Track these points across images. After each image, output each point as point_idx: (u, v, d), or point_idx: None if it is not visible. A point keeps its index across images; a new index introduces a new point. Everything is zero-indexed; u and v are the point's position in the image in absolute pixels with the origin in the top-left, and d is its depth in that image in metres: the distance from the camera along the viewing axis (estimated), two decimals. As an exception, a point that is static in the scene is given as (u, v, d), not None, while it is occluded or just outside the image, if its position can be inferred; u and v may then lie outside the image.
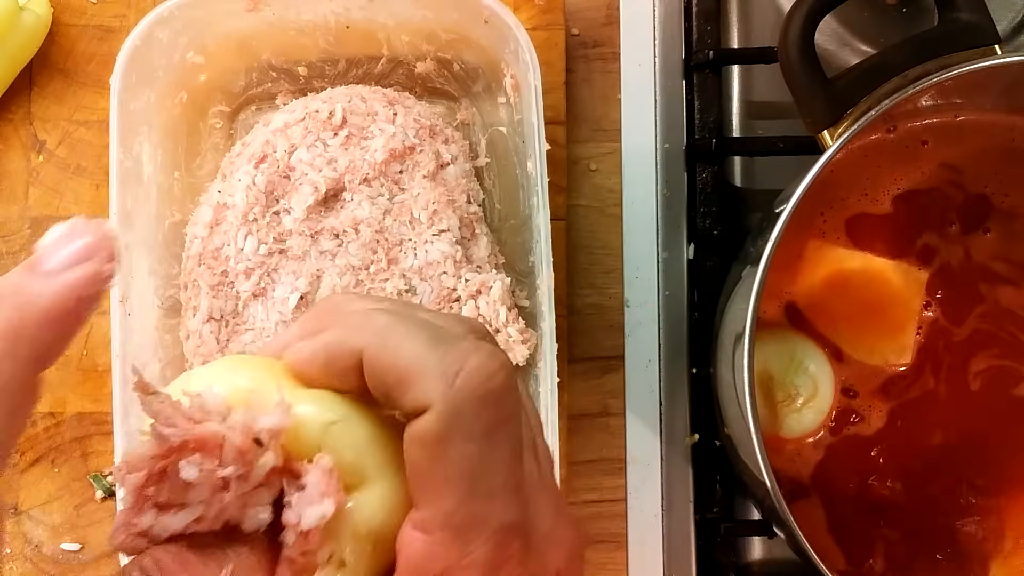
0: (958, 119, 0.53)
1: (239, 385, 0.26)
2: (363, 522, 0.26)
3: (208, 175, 0.58)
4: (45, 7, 0.60)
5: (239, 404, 0.25)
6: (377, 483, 0.26)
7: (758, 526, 0.58)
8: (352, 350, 0.26)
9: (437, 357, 0.26)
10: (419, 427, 0.25)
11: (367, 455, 0.26)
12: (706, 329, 0.59)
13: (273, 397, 0.26)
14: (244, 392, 0.26)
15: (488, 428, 0.26)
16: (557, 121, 0.60)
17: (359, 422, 0.27)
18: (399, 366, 0.26)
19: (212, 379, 0.26)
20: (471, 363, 0.26)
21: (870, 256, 0.53)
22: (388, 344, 0.26)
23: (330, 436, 0.26)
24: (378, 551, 0.26)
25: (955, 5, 0.48)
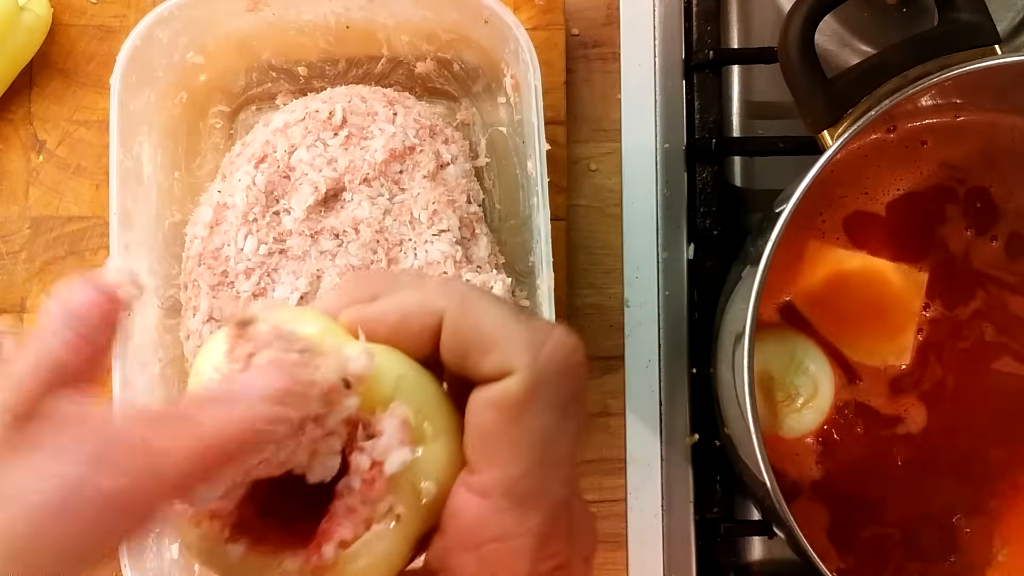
0: (958, 119, 0.53)
1: (311, 331, 0.26)
2: (421, 479, 0.26)
3: (208, 175, 0.58)
4: (45, 7, 0.60)
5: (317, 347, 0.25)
6: (437, 441, 0.26)
7: (758, 526, 0.58)
8: (433, 311, 0.27)
9: (522, 327, 0.26)
10: (498, 391, 0.25)
11: (430, 414, 0.27)
12: (706, 329, 0.59)
13: (344, 345, 0.26)
14: (316, 338, 0.26)
15: (565, 401, 0.26)
16: (557, 121, 0.60)
17: (426, 378, 0.27)
18: (483, 330, 0.26)
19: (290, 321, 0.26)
20: (556, 337, 0.26)
21: (870, 257, 0.53)
22: (472, 309, 0.26)
23: (399, 389, 0.26)
24: (429, 510, 0.27)
25: (955, 5, 0.48)
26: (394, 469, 0.25)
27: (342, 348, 0.26)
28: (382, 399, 0.26)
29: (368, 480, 0.25)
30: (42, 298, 0.60)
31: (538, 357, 0.25)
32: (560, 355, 0.26)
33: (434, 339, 0.27)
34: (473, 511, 0.26)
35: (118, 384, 0.51)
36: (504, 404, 0.25)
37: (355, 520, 0.25)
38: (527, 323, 0.26)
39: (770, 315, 0.54)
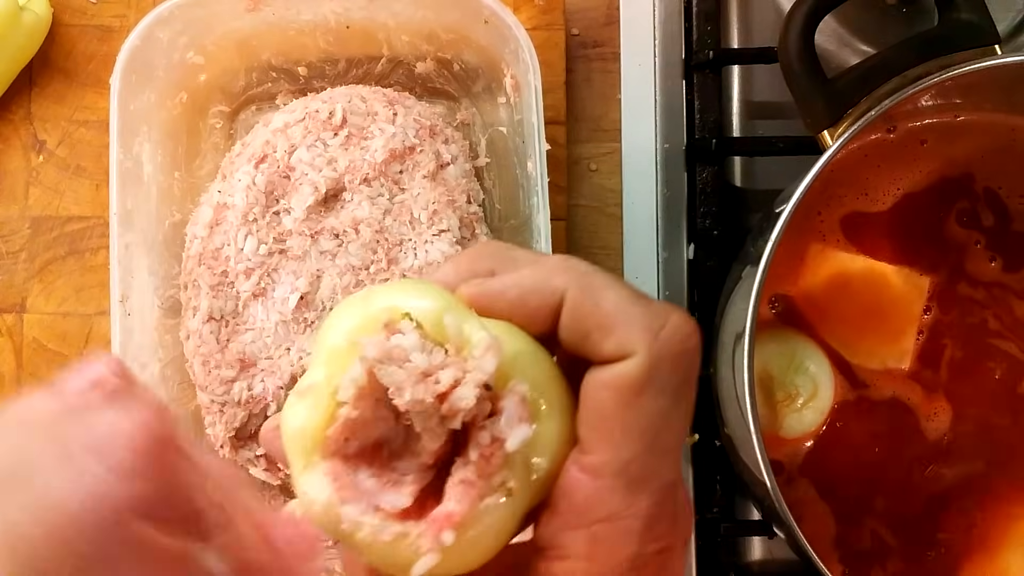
0: (958, 119, 0.53)
1: (432, 308, 0.26)
2: (535, 455, 0.26)
3: (208, 175, 0.58)
4: (45, 7, 0.60)
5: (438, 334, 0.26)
6: (550, 419, 0.27)
7: (758, 526, 0.58)
8: (554, 289, 0.27)
9: (641, 310, 0.26)
10: (616, 372, 0.26)
11: (544, 391, 0.27)
12: (706, 329, 0.59)
13: (466, 327, 0.26)
14: (436, 315, 0.26)
15: (679, 385, 0.26)
16: (557, 121, 0.60)
17: (542, 355, 0.27)
18: (604, 311, 0.26)
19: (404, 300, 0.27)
20: (674, 320, 0.26)
21: (871, 260, 0.53)
22: (593, 289, 0.26)
23: (516, 366, 0.26)
24: (539, 486, 0.27)
25: (955, 5, 0.48)
26: (515, 447, 0.25)
27: (466, 335, 0.26)
28: (500, 375, 0.26)
29: (486, 455, 0.25)
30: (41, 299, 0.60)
31: (656, 340, 0.26)
32: (677, 338, 0.26)
33: (552, 317, 0.27)
34: (585, 490, 0.26)
35: (118, 384, 0.51)
36: (621, 386, 0.26)
37: (472, 494, 0.26)
38: (647, 305, 0.26)
39: (770, 315, 0.54)
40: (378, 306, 0.27)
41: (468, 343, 0.26)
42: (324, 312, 0.53)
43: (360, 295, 0.28)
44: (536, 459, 0.27)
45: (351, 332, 0.27)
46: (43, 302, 0.60)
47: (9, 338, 0.60)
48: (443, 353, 0.26)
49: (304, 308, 0.53)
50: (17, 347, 0.60)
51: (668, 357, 0.26)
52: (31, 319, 0.60)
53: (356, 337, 0.26)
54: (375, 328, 0.26)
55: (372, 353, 0.25)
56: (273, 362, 0.53)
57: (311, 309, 0.53)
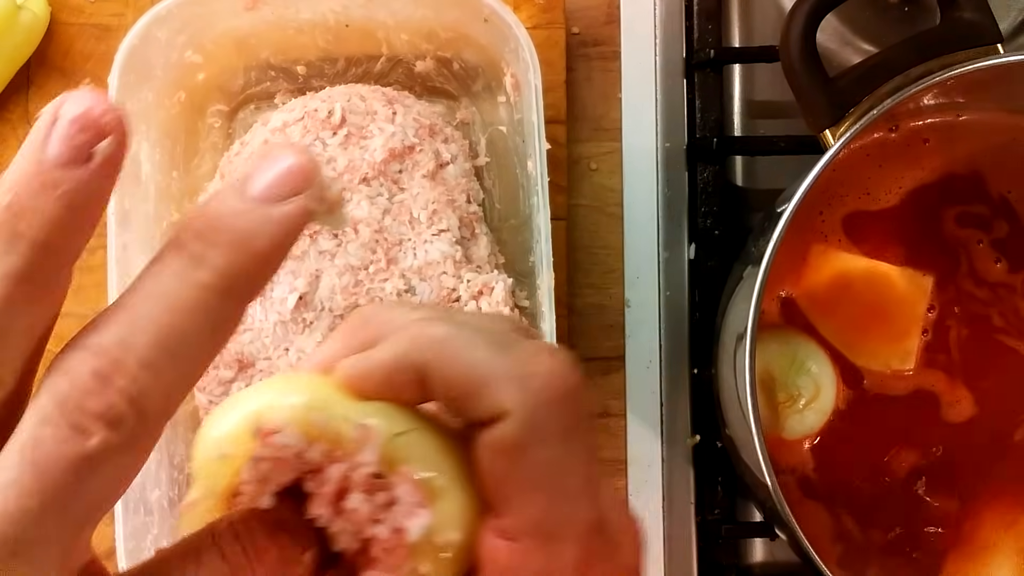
0: (960, 118, 0.53)
1: (297, 405, 0.25)
2: (441, 535, 0.25)
3: (207, 174, 0.58)
4: (43, 6, 0.59)
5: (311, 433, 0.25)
6: (449, 494, 0.26)
7: (760, 528, 0.58)
8: (413, 365, 0.25)
9: (506, 362, 0.25)
10: (497, 435, 0.25)
11: (437, 466, 0.26)
12: (707, 329, 0.59)
13: (340, 415, 0.25)
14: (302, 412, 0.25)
15: (567, 429, 0.25)
16: (557, 120, 0.60)
17: (427, 433, 0.26)
18: (467, 376, 0.25)
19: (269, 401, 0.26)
20: (543, 366, 0.25)
21: (873, 261, 0.53)
22: (451, 354, 0.25)
23: (400, 449, 0.25)
24: (455, 562, 0.26)
25: (957, 4, 0.48)
26: (417, 535, 0.25)
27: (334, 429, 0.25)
28: (386, 461, 0.25)
29: (389, 549, 0.25)
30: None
31: (528, 392, 0.24)
32: (553, 383, 0.25)
33: (422, 391, 0.26)
34: (506, 555, 0.25)
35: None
36: (504, 448, 0.25)
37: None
38: (514, 354, 0.25)
39: (772, 315, 0.53)
40: (243, 412, 0.25)
41: (341, 438, 0.25)
42: (323, 312, 0.53)
43: (228, 401, 0.26)
44: (444, 536, 0.26)
45: (220, 443, 0.25)
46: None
47: (6, 338, 0.60)
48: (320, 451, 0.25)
49: (303, 308, 0.52)
50: (15, 347, 0.60)
51: (545, 405, 0.25)
52: (29, 319, 0.60)
53: (225, 450, 0.25)
54: (244, 439, 0.25)
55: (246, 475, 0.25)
56: (272, 363, 0.53)
57: (310, 309, 0.53)
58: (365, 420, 0.25)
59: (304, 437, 0.25)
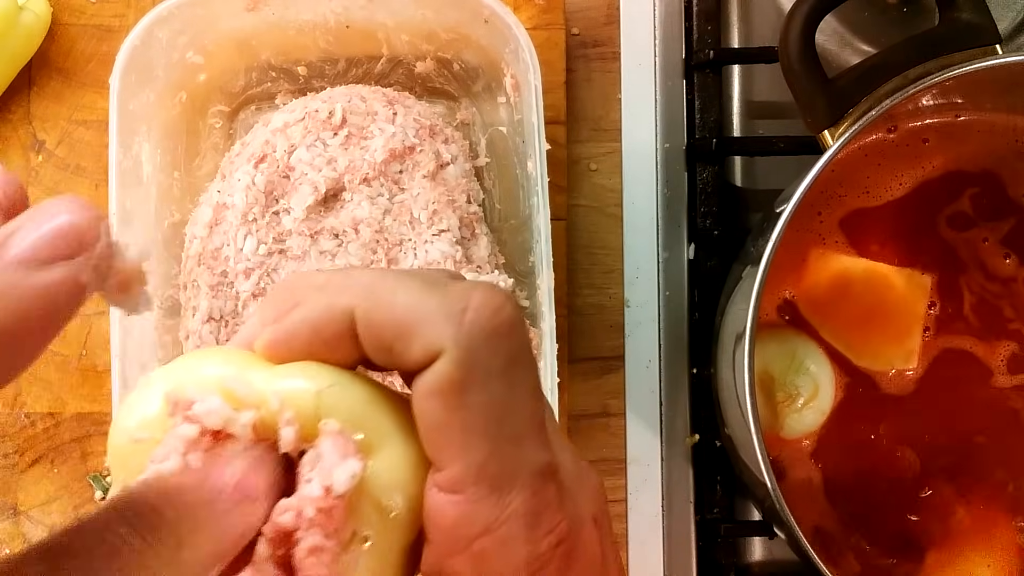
0: (959, 119, 0.53)
1: (214, 375, 0.24)
2: (381, 491, 0.24)
3: (208, 175, 0.58)
4: (44, 6, 0.59)
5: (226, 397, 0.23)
6: (386, 448, 0.24)
7: (758, 527, 0.58)
8: (341, 313, 0.24)
9: (437, 300, 0.23)
10: (432, 377, 0.23)
11: (369, 419, 0.24)
12: (706, 329, 0.59)
13: (260, 379, 0.24)
14: (219, 381, 0.24)
15: (506, 365, 0.24)
16: (557, 121, 0.60)
17: (353, 384, 0.24)
18: (397, 317, 0.23)
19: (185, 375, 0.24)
20: (476, 299, 0.23)
21: (873, 262, 0.53)
22: (380, 297, 0.24)
23: (325, 403, 0.24)
24: (401, 523, 0.24)
25: (956, 5, 0.48)
26: (345, 487, 0.22)
27: (258, 391, 0.23)
28: (307, 420, 0.23)
29: (325, 510, 0.22)
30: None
31: (461, 327, 0.23)
32: (485, 316, 0.23)
33: (355, 342, 0.24)
34: (451, 511, 0.23)
35: (117, 384, 0.51)
36: (441, 389, 0.23)
37: (325, 560, 0.23)
38: (443, 293, 0.23)
39: (771, 315, 0.53)
40: (155, 392, 0.24)
41: (263, 400, 0.23)
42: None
43: (137, 386, 0.25)
44: (388, 495, 0.24)
45: (133, 429, 0.24)
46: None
47: (8, 338, 0.60)
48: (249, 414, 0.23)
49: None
50: (16, 347, 0.60)
51: (481, 339, 0.23)
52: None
53: (139, 434, 0.23)
54: (160, 420, 0.23)
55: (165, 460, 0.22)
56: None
57: (311, 309, 0.53)
58: (286, 380, 0.24)
59: (227, 403, 0.23)
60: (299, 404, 0.24)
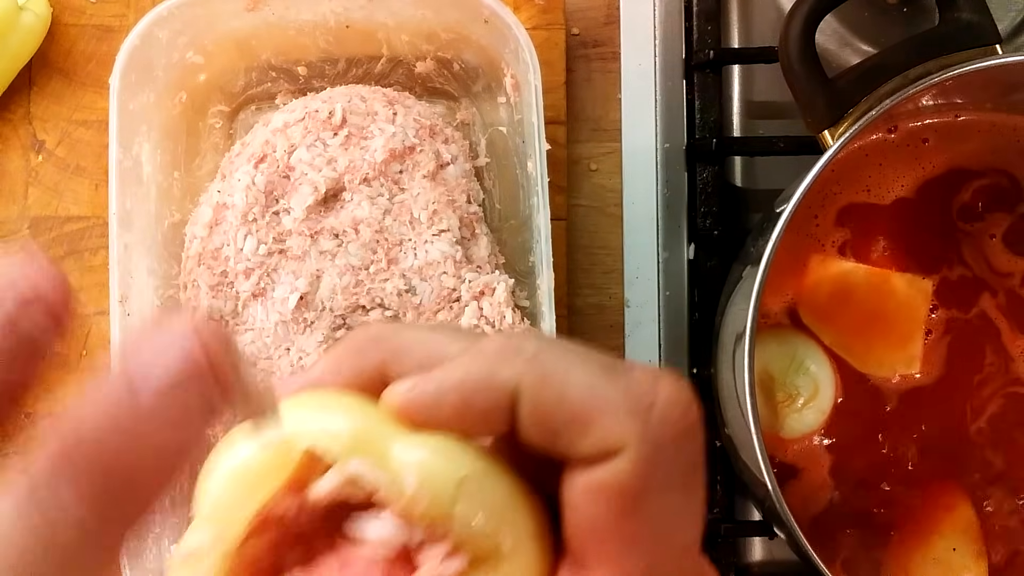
0: (959, 119, 0.53)
1: (343, 432, 0.21)
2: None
3: (208, 175, 0.58)
4: (44, 7, 0.59)
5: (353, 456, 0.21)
6: (518, 557, 0.21)
7: (758, 527, 0.58)
8: (503, 385, 0.21)
9: (620, 388, 0.21)
10: (606, 476, 0.20)
11: (508, 520, 0.21)
12: (706, 329, 0.59)
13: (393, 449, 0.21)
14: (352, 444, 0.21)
15: (687, 472, 0.22)
16: (557, 121, 0.60)
17: (498, 476, 0.22)
18: (572, 401, 0.21)
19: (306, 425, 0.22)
20: (664, 393, 0.21)
21: (873, 268, 0.53)
22: (553, 375, 0.21)
23: (466, 493, 0.21)
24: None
25: (956, 5, 0.48)
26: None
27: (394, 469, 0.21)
28: (441, 512, 0.21)
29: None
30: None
31: (648, 426, 0.20)
32: (674, 416, 0.21)
33: (506, 418, 0.21)
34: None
35: (117, 384, 0.51)
36: (616, 492, 0.20)
37: None
38: (625, 379, 0.21)
39: (771, 315, 0.53)
40: (270, 437, 0.21)
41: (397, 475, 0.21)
42: (324, 312, 0.53)
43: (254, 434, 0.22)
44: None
45: (242, 474, 0.21)
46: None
47: (8, 338, 0.60)
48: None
49: (304, 308, 0.53)
50: (16, 347, 0.60)
51: (668, 442, 0.21)
52: (30, 319, 0.60)
53: (249, 480, 0.21)
54: (275, 474, 0.21)
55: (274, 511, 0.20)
56: (273, 363, 0.53)
57: (311, 309, 0.53)
58: (425, 454, 0.21)
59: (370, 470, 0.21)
60: (436, 489, 0.21)
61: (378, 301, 0.53)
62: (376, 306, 0.53)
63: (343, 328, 0.53)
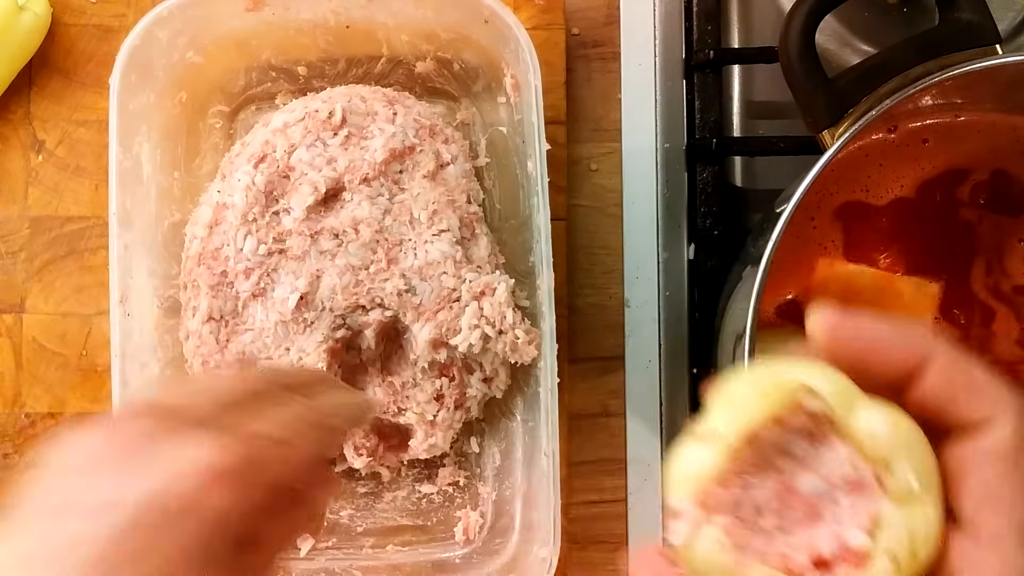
0: (959, 119, 0.53)
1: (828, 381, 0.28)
2: (916, 542, 0.27)
3: (208, 175, 0.58)
4: (44, 7, 0.60)
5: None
6: (928, 504, 0.27)
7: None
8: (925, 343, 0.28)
9: (993, 377, 0.27)
10: (995, 442, 0.27)
11: (930, 475, 0.27)
12: (707, 329, 0.59)
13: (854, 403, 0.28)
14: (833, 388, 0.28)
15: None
16: (557, 121, 0.60)
17: (923, 441, 0.28)
18: (976, 376, 0.27)
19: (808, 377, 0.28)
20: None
21: (879, 271, 0.53)
22: (956, 354, 0.27)
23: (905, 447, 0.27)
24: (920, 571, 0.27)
25: (956, 5, 0.48)
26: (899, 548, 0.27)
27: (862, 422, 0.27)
28: (888, 457, 0.27)
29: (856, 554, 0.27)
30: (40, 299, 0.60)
31: (1019, 405, 0.27)
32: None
33: (902, 373, 0.28)
34: (993, 561, 0.26)
35: (117, 384, 0.51)
36: (1003, 453, 0.26)
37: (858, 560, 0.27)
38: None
39: (771, 315, 0.53)
40: (787, 376, 0.28)
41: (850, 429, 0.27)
42: (324, 312, 0.53)
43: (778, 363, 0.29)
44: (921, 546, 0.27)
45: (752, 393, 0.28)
46: (42, 302, 0.60)
47: (8, 338, 0.60)
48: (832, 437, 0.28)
49: (304, 308, 0.53)
50: (16, 347, 0.60)
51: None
52: (30, 319, 0.60)
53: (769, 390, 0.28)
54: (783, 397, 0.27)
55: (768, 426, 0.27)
56: (273, 362, 0.53)
57: (311, 309, 0.53)
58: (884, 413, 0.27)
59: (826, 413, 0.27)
60: (892, 439, 0.27)
61: (378, 301, 0.53)
62: (376, 306, 0.53)
63: (343, 328, 0.53)
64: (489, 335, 0.52)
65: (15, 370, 0.60)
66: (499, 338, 0.53)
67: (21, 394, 0.59)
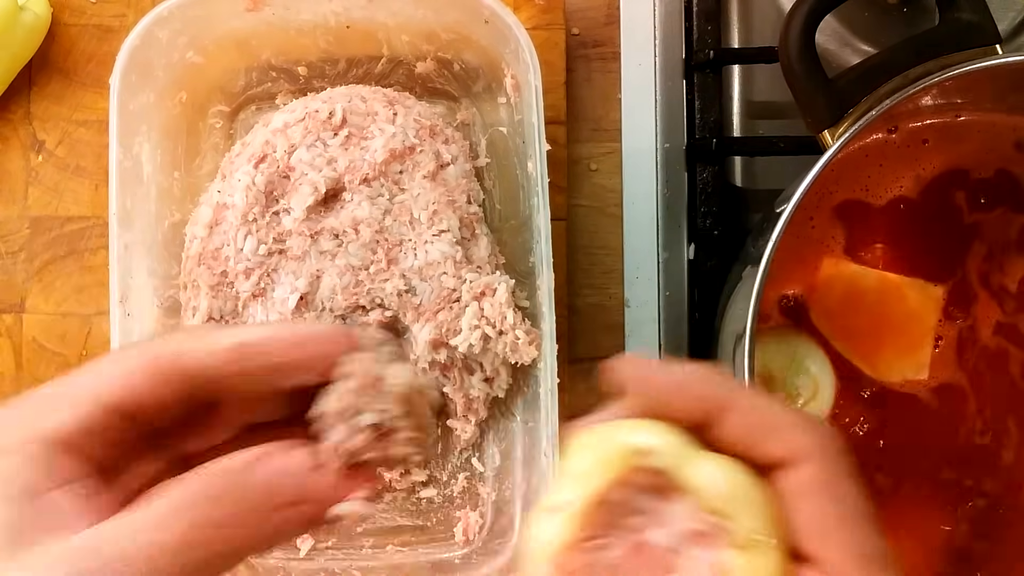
0: (959, 119, 0.53)
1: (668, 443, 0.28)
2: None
3: (208, 175, 0.58)
4: (44, 7, 0.60)
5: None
6: (768, 549, 0.27)
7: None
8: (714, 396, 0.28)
9: (794, 414, 0.28)
10: (803, 480, 0.27)
11: (764, 519, 0.28)
12: (707, 329, 0.59)
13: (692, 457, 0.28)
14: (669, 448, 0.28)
15: (852, 468, 0.28)
16: (557, 121, 0.60)
17: (759, 488, 0.28)
18: (765, 416, 0.28)
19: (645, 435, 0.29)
20: (817, 423, 0.28)
21: (884, 272, 0.53)
22: (750, 395, 0.28)
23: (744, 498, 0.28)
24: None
25: (956, 5, 0.48)
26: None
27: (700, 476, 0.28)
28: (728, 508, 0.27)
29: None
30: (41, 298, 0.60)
31: (823, 439, 0.27)
32: (832, 435, 0.28)
33: (702, 417, 0.28)
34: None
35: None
36: (819, 486, 0.27)
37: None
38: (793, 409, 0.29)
39: (771, 315, 0.53)
40: (619, 440, 0.29)
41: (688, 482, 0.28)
42: (324, 312, 0.53)
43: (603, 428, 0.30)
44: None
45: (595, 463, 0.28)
46: (42, 302, 0.60)
47: (8, 338, 0.60)
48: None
49: (304, 308, 0.53)
50: (16, 347, 0.60)
51: (836, 451, 0.28)
52: (30, 319, 0.60)
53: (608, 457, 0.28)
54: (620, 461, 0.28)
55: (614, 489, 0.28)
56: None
57: (311, 309, 0.53)
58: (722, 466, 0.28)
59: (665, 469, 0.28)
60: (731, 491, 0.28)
61: (378, 301, 0.53)
62: (376, 306, 0.53)
63: (343, 328, 0.53)
64: (489, 336, 0.52)
65: (15, 370, 0.60)
66: (499, 339, 0.53)
67: (21, 394, 0.59)
